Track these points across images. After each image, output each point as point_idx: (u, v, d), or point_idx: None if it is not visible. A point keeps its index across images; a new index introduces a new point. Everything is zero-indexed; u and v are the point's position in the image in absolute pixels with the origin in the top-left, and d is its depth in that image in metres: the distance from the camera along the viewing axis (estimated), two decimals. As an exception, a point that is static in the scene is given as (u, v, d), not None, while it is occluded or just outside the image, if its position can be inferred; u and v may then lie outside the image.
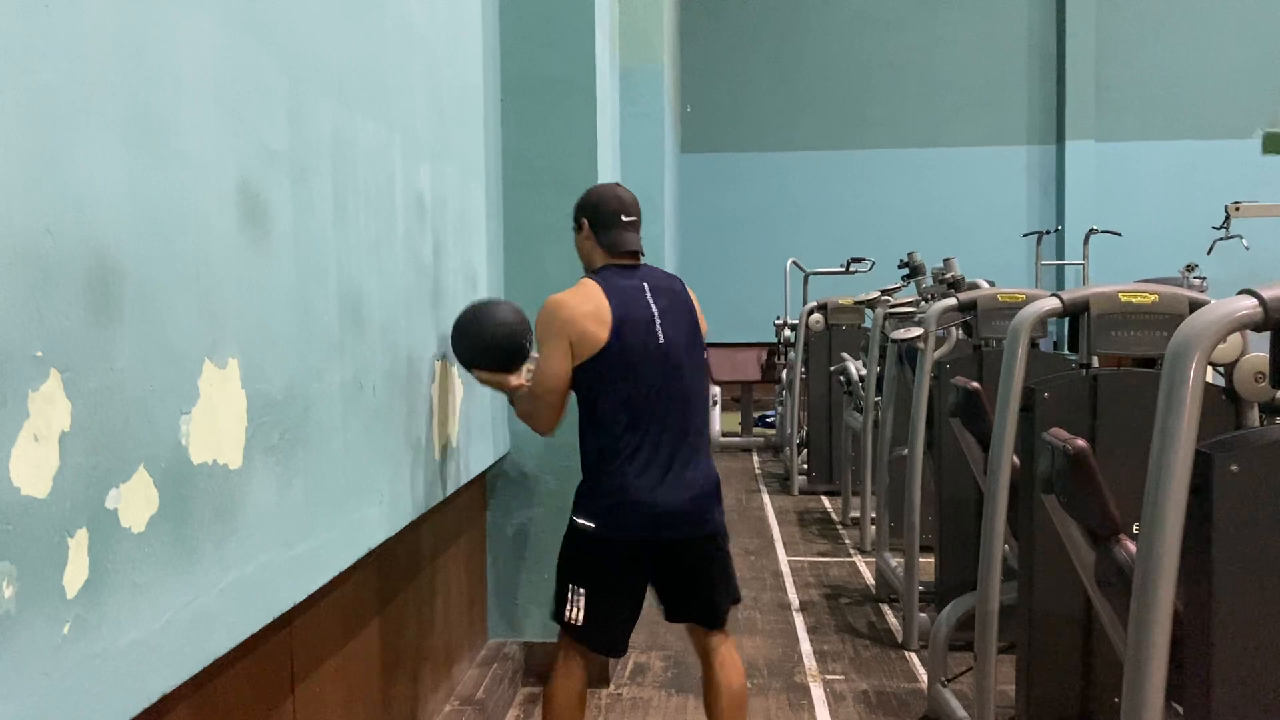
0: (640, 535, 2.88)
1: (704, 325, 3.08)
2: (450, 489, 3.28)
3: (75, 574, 1.36)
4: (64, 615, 1.34)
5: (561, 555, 2.99)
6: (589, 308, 2.87)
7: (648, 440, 2.86)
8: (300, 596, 2.10)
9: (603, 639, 2.97)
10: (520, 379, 3.14)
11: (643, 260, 3.05)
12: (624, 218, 2.98)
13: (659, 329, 2.91)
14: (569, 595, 2.91)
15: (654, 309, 2.92)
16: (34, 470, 1.28)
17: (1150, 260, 11.82)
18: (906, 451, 4.55)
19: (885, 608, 5.22)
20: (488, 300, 3.38)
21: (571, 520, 2.95)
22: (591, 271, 3.00)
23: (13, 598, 1.24)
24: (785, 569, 6.04)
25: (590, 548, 2.90)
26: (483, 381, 3.18)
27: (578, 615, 2.89)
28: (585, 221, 3.01)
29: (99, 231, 1.44)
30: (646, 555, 2.92)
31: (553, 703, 2.95)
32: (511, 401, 3.18)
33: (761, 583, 5.73)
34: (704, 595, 3.01)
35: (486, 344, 3.11)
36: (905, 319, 5.55)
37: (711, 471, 2.99)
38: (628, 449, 2.86)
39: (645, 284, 2.96)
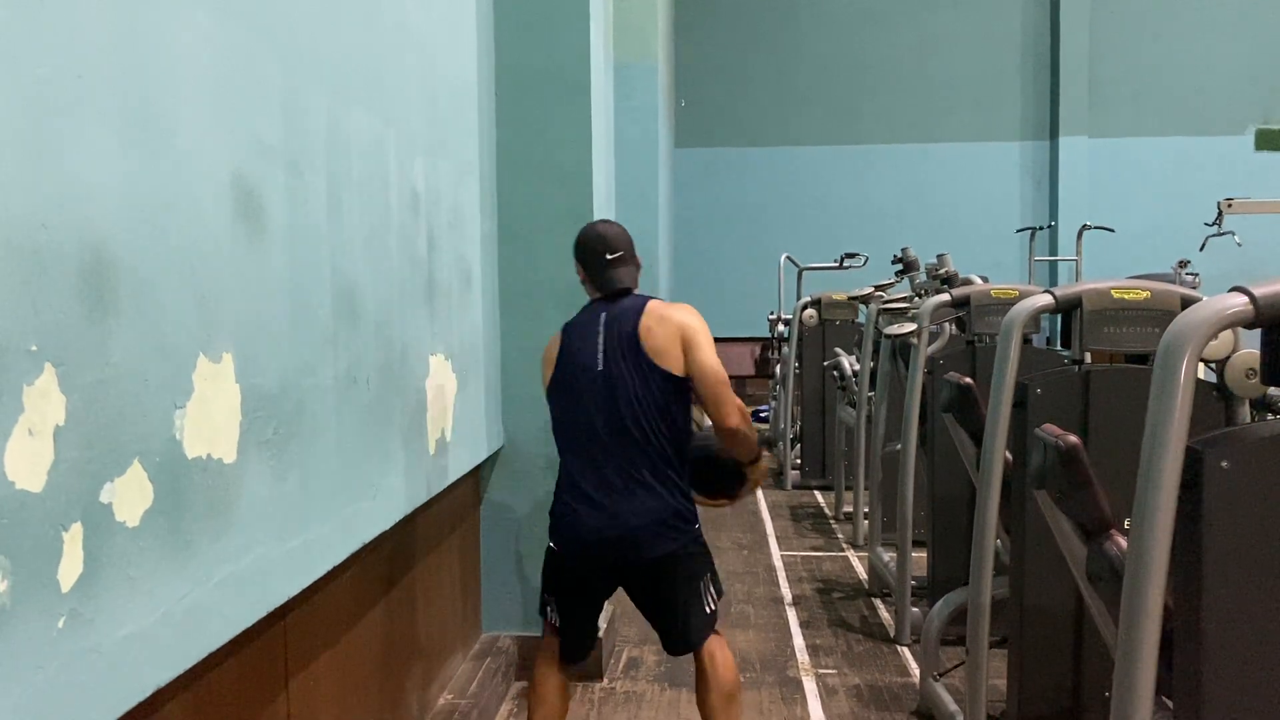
0: (579, 558, 2.98)
1: (662, 344, 2.90)
2: (444, 484, 3.28)
3: (70, 568, 1.36)
4: (59, 609, 1.34)
5: (543, 564, 3.13)
6: (548, 348, 3.10)
7: (585, 468, 2.94)
8: (294, 590, 2.10)
9: (567, 645, 3.08)
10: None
11: (632, 291, 3.06)
12: (607, 256, 3.05)
13: (600, 357, 2.94)
14: (546, 599, 3.08)
15: (600, 339, 2.96)
16: (29, 464, 1.28)
17: (1143, 256, 11.85)
18: (899, 447, 4.56)
19: (878, 602, 5.23)
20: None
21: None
22: (581, 310, 3.12)
23: (7, 591, 1.24)
24: (778, 563, 6.05)
25: (553, 563, 3.05)
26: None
27: (555, 619, 3.06)
28: (580, 265, 3.13)
29: (94, 225, 1.44)
30: (598, 576, 3.03)
31: (534, 694, 3.09)
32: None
33: (755, 577, 5.74)
34: (668, 618, 3.02)
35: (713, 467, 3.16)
36: (899, 314, 5.56)
37: (660, 502, 2.90)
38: (566, 476, 3.00)
39: (603, 314, 2.99)
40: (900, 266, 6.77)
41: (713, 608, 3.03)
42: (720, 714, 3.01)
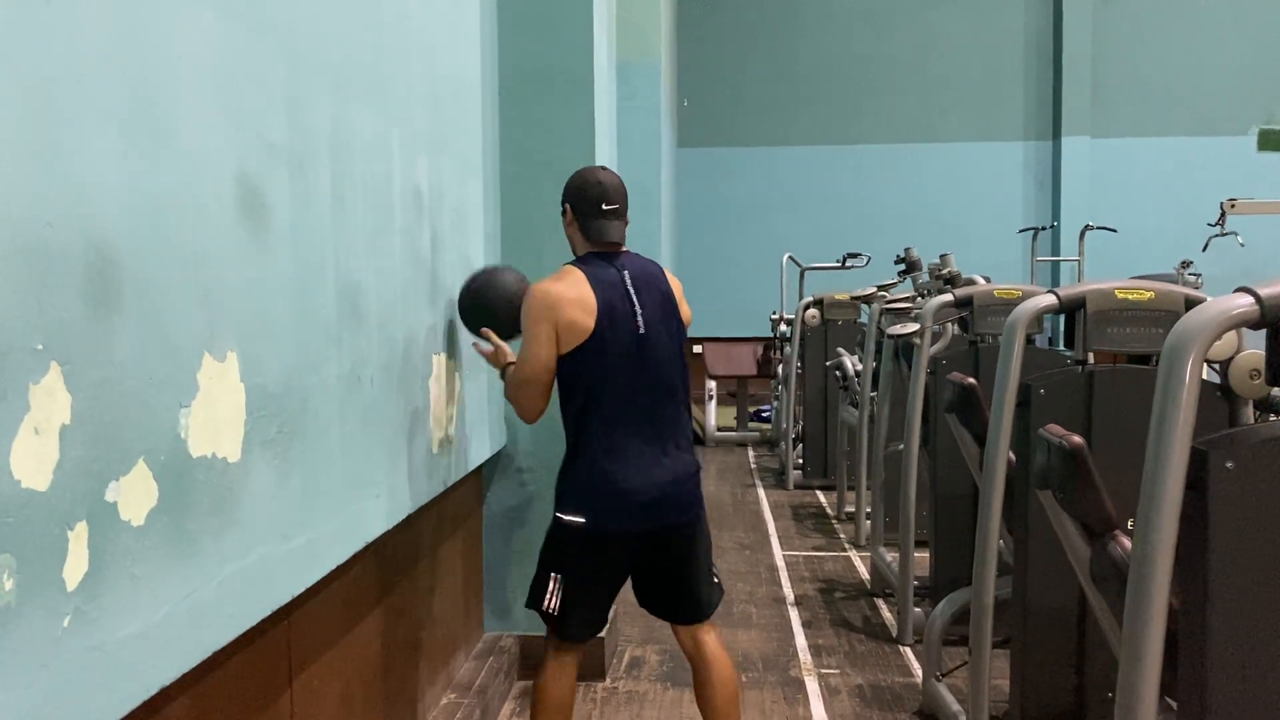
0: (630, 526, 2.88)
1: (687, 313, 3.06)
2: (447, 482, 3.28)
3: (75, 566, 1.36)
4: (64, 608, 1.34)
5: (546, 546, 2.99)
6: (574, 295, 2.85)
7: (633, 429, 2.87)
8: (298, 589, 2.10)
9: (573, 627, 2.95)
10: (511, 356, 3.14)
11: (624, 249, 3.03)
12: (605, 206, 2.96)
13: (639, 318, 2.90)
14: (549, 585, 2.92)
15: (634, 298, 2.91)
16: (34, 463, 1.28)
17: (1145, 257, 11.84)
18: (902, 447, 4.56)
19: (880, 602, 5.23)
20: (499, 267, 3.47)
21: (557, 515, 2.93)
22: (575, 259, 3.01)
23: (13, 590, 1.24)
24: (780, 563, 6.05)
25: (579, 542, 2.89)
26: (486, 346, 3.22)
27: (554, 604, 2.91)
28: (569, 207, 3.01)
29: (98, 224, 1.44)
30: (634, 546, 2.94)
31: (546, 696, 2.94)
32: (502, 377, 3.19)
33: (757, 577, 5.74)
34: (688, 585, 3.01)
35: (497, 310, 3.20)
36: (901, 314, 5.55)
37: (693, 459, 3.00)
38: (613, 438, 2.86)
39: (625, 272, 2.94)
40: (903, 266, 6.77)
41: (717, 578, 3.10)
42: (723, 714, 3.00)
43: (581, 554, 2.91)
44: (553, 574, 2.92)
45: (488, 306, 3.26)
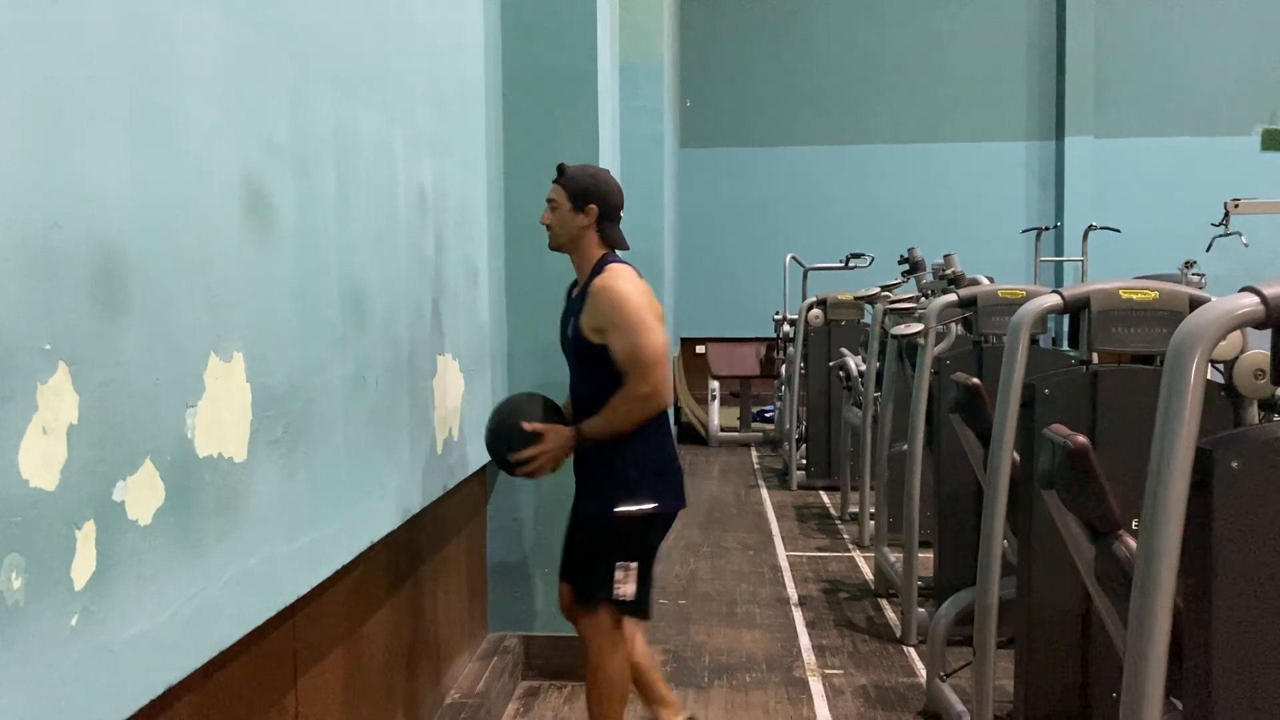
0: (678, 506, 3.08)
1: None
2: (452, 482, 3.29)
3: (83, 566, 1.36)
4: (72, 607, 1.35)
5: (607, 540, 2.98)
6: (644, 286, 3.02)
7: (665, 414, 3.08)
8: (303, 589, 2.11)
9: (647, 604, 3.07)
10: (563, 429, 3.01)
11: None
12: (621, 213, 3.14)
13: None
14: (617, 574, 2.96)
15: None
16: (42, 463, 1.28)
17: (1148, 257, 11.82)
18: (906, 447, 4.56)
19: (884, 603, 5.23)
20: (529, 395, 3.23)
21: (618, 510, 2.93)
22: (610, 257, 3.03)
23: (21, 589, 1.25)
24: (784, 564, 6.05)
25: (648, 526, 3.02)
26: (533, 443, 2.98)
27: (629, 590, 2.97)
28: (594, 208, 3.01)
29: (105, 225, 1.44)
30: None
31: (620, 675, 3.03)
32: (580, 438, 2.99)
33: (760, 577, 5.74)
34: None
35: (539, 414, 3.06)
36: (905, 315, 5.55)
37: None
38: (661, 433, 3.05)
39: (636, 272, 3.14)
40: (906, 267, 6.77)
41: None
42: (647, 663, 3.25)
43: (651, 537, 3.05)
44: (626, 564, 2.96)
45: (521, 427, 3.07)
